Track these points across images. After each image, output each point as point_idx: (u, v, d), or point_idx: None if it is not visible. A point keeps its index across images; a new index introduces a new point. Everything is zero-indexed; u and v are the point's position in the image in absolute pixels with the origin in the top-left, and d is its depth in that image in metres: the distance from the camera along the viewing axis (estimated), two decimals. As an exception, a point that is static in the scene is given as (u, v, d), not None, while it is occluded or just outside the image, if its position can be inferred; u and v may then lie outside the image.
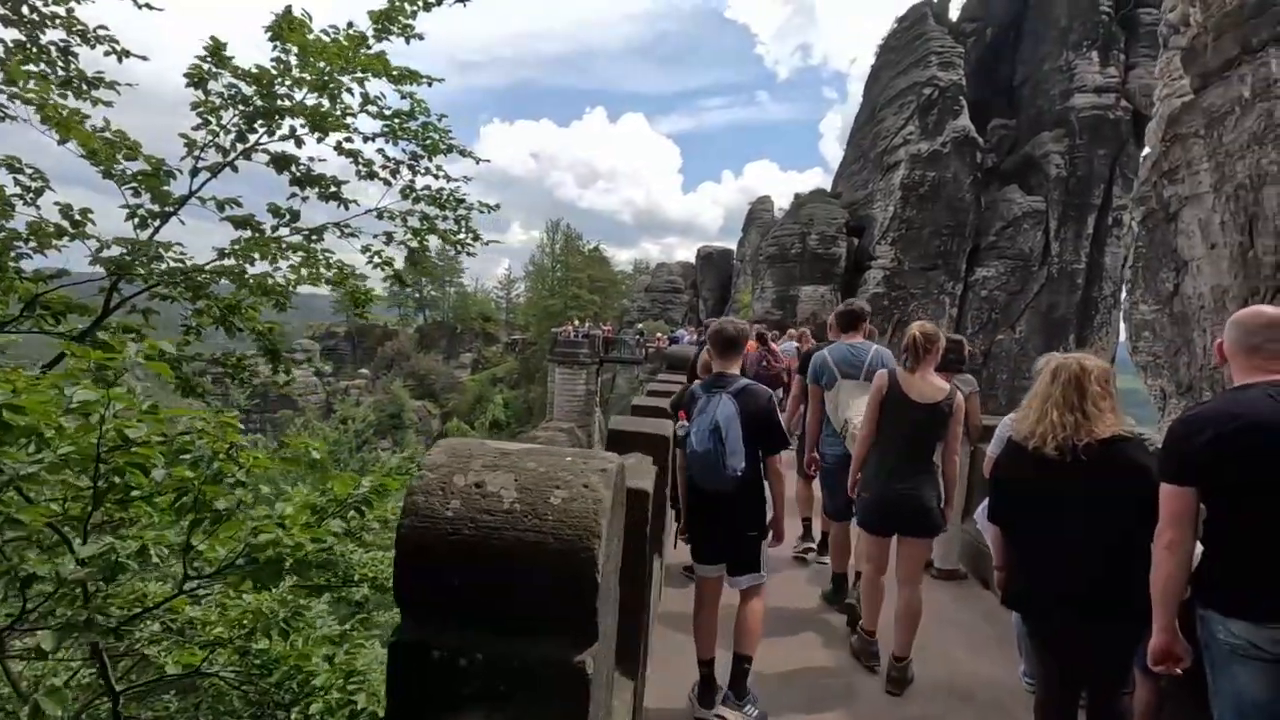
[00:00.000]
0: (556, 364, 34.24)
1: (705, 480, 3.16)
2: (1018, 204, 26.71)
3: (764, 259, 29.11)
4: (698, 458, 3.11)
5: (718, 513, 3.25)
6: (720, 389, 3.23)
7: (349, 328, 71.10)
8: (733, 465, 3.04)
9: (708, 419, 3.11)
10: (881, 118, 28.22)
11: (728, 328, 3.43)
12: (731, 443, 3.05)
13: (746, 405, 3.16)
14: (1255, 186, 7.69)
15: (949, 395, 3.58)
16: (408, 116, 4.60)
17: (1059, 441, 2.45)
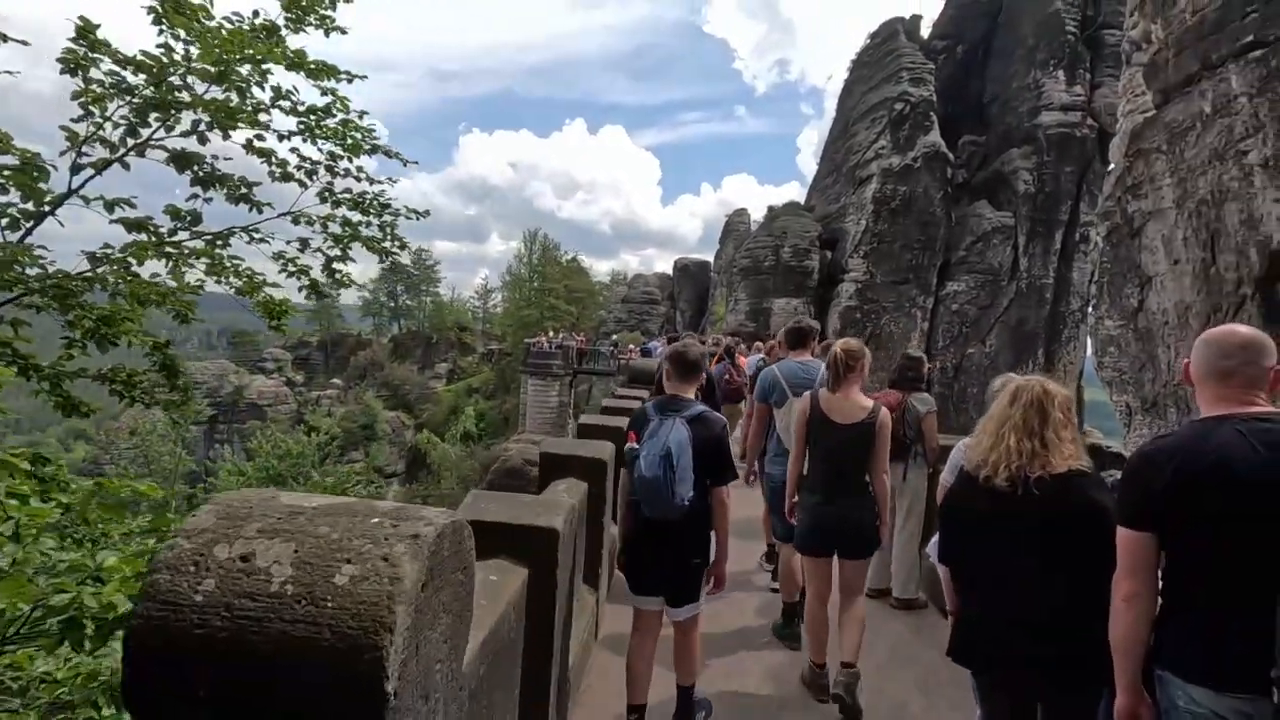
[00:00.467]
0: (529, 375, 33.76)
1: (652, 507, 3.01)
2: (987, 219, 26.96)
3: (738, 271, 29.02)
4: (646, 483, 2.96)
5: (662, 542, 3.12)
6: (674, 412, 3.13)
7: (322, 337, 70.19)
8: (682, 494, 2.93)
9: (659, 443, 2.98)
10: (854, 132, 28.38)
11: (690, 351, 3.35)
12: (682, 470, 2.93)
13: (700, 432, 3.06)
14: (1217, 203, 7.62)
15: (872, 412, 3.55)
16: (324, 114, 4.23)
17: (1011, 471, 2.19)
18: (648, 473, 2.94)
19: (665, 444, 2.96)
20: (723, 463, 3.13)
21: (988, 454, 2.27)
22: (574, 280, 58.46)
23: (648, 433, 3.09)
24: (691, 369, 3.32)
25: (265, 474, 23.68)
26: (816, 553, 3.66)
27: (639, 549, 3.20)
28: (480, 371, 59.46)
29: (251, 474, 23.29)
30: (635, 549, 3.22)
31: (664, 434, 3.01)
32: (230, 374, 61.10)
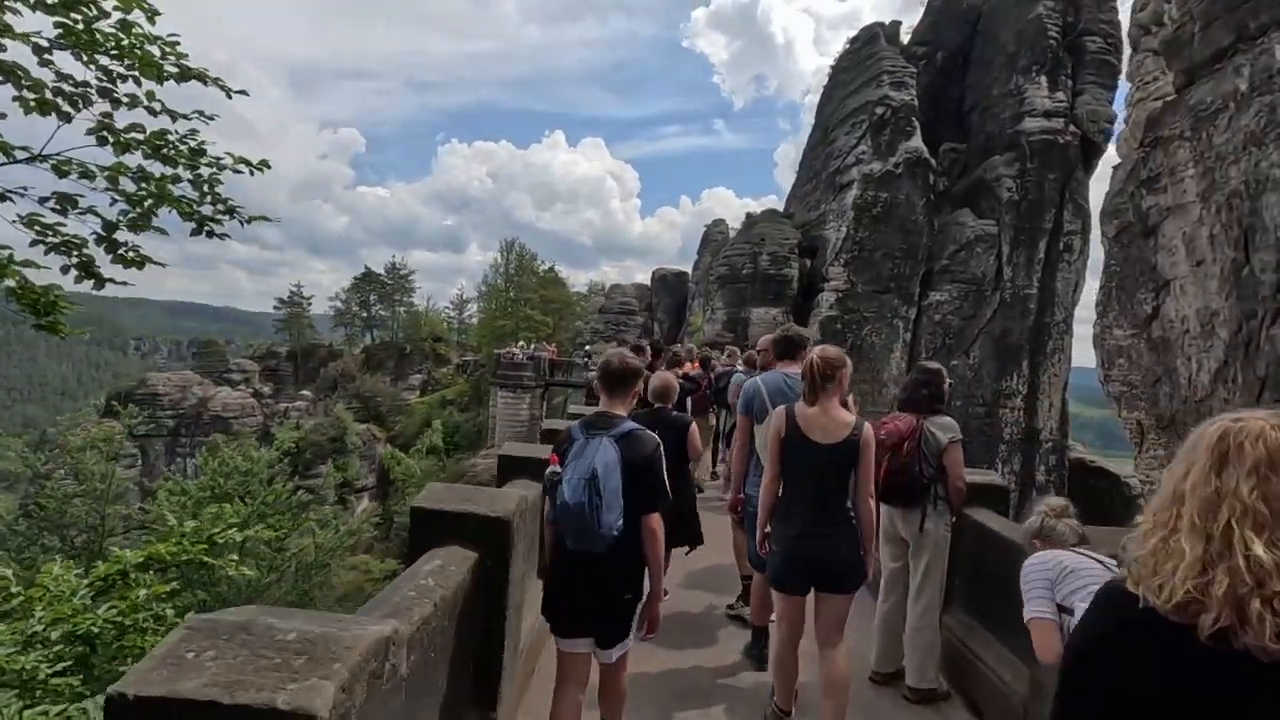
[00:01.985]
0: (499, 387, 32.43)
1: (576, 539, 2.71)
2: (970, 227, 26.30)
3: (714, 279, 28.02)
4: (568, 512, 2.67)
5: (588, 576, 2.81)
6: (601, 431, 2.82)
7: (292, 347, 68.44)
8: (608, 522, 2.64)
9: (584, 466, 2.70)
10: (834, 138, 27.64)
11: (613, 361, 3.05)
12: (609, 496, 2.65)
13: (630, 452, 2.77)
14: (1252, 194, 6.66)
15: (855, 429, 3.23)
16: (98, 12, 2.95)
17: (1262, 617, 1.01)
18: (570, 499, 2.65)
19: (590, 466, 2.68)
20: (655, 487, 2.84)
21: (1196, 573, 1.07)
22: (550, 291, 57.81)
23: (572, 452, 2.79)
24: (619, 381, 3.00)
25: (209, 493, 21.91)
26: (792, 589, 3.34)
27: (561, 585, 2.90)
28: (455, 383, 58.35)
29: (194, 493, 21.54)
30: (557, 585, 2.92)
31: (590, 455, 2.72)
32: (194, 385, 59.13)
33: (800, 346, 4.17)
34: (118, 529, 20.86)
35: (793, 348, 4.23)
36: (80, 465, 19.93)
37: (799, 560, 3.26)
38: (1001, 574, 3.56)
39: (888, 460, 3.75)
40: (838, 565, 3.22)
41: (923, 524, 3.77)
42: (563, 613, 2.92)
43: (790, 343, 4.29)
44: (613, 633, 2.88)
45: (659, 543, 2.86)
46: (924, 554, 3.79)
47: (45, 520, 19.05)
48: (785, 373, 4.16)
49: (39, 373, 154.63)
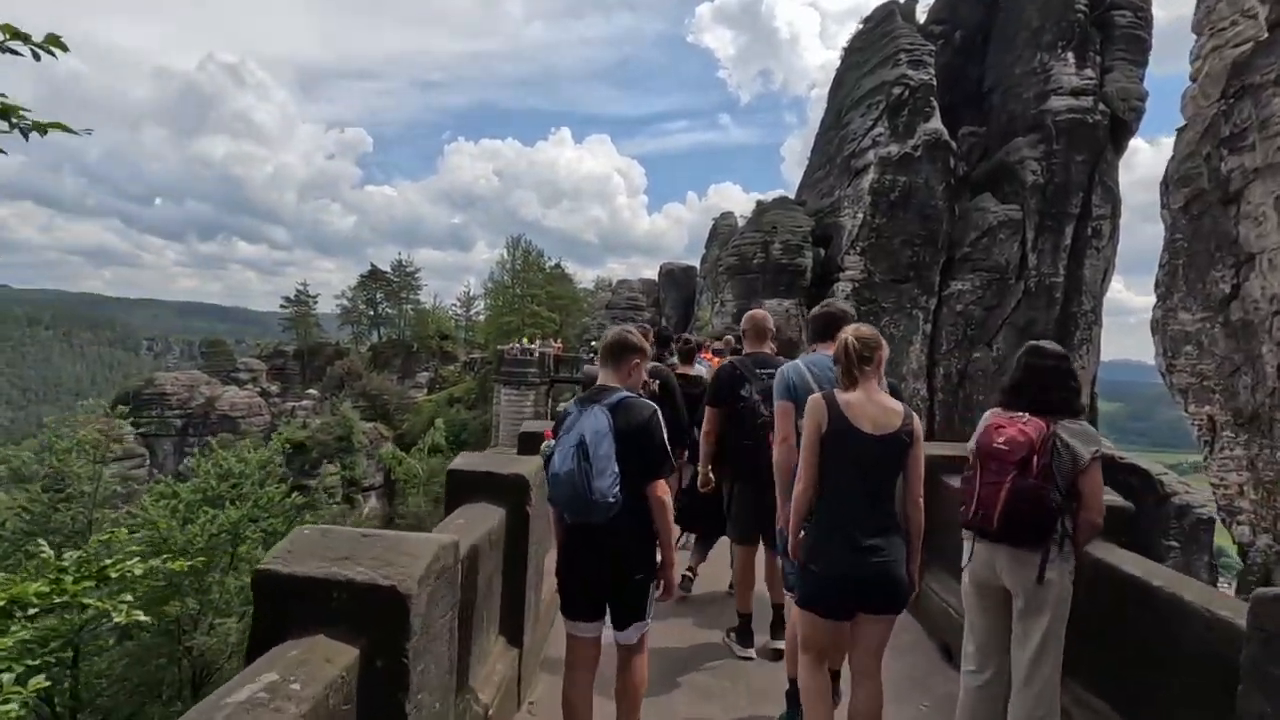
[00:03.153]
0: (503, 384, 31.57)
1: (572, 509, 2.66)
2: (992, 213, 25.04)
3: (724, 270, 26.90)
4: (559, 481, 2.62)
5: (595, 553, 2.72)
6: (594, 402, 2.76)
7: (298, 346, 68.08)
8: (601, 488, 2.54)
9: (574, 435, 2.63)
10: (848, 120, 26.43)
11: (611, 334, 2.99)
12: (599, 461, 2.55)
13: (622, 419, 2.68)
14: (1372, 144, 5.54)
15: (907, 417, 2.82)
16: None
17: None
18: (560, 468, 2.60)
19: (580, 433, 2.61)
20: (655, 452, 2.74)
21: None
22: (557, 287, 57.30)
23: (565, 425, 2.75)
24: (616, 354, 2.90)
25: (201, 495, 21.17)
26: (837, 614, 2.87)
27: (569, 563, 2.82)
28: (462, 381, 57.89)
29: (185, 495, 20.78)
30: (565, 564, 2.84)
31: (579, 424, 2.66)
32: (202, 385, 59.07)
33: (841, 323, 3.37)
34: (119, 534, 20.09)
35: (833, 325, 3.41)
36: (66, 467, 19.22)
37: (847, 579, 2.78)
38: (1150, 639, 2.65)
39: (1011, 481, 2.70)
40: (890, 583, 2.77)
41: (1043, 571, 2.69)
42: (573, 592, 2.84)
43: (830, 320, 3.52)
44: (626, 612, 2.81)
45: (667, 511, 2.79)
46: (1042, 614, 2.69)
47: (31, 524, 18.36)
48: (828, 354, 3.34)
49: (54, 374, 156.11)
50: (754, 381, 4.10)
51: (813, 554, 2.86)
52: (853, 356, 2.80)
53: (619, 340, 2.94)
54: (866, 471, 2.79)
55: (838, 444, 2.79)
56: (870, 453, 2.77)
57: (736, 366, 4.27)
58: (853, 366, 2.81)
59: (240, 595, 18.53)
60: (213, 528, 18.48)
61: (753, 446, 3.96)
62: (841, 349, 2.84)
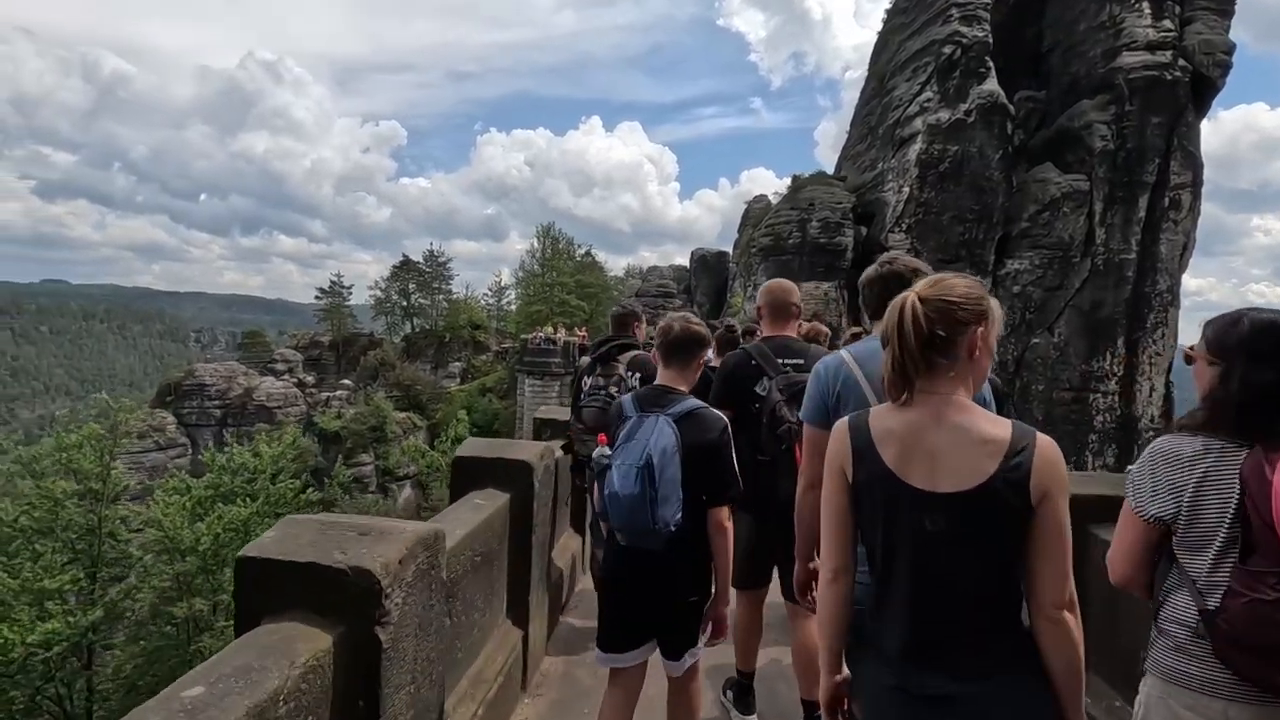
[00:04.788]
0: (526, 374, 30.48)
1: (629, 534, 2.33)
2: (1055, 184, 22.71)
3: (757, 251, 25.12)
4: (619, 504, 2.26)
5: (646, 577, 2.40)
6: (657, 409, 2.37)
7: (333, 337, 68.73)
8: (664, 517, 2.23)
9: (636, 451, 2.27)
10: (892, 86, 24.31)
11: (674, 326, 2.49)
12: (666, 486, 2.22)
13: (691, 435, 2.30)
14: None
15: (1018, 447, 1.37)
16: None
17: None
18: (622, 489, 2.25)
19: (644, 452, 2.24)
20: (723, 475, 2.36)
21: None
22: (587, 275, 56.50)
23: (623, 434, 2.34)
24: (680, 349, 2.47)
25: (213, 491, 20.44)
26: None
27: (617, 586, 2.51)
28: (494, 370, 57.75)
29: (198, 492, 20.04)
30: (612, 586, 2.54)
31: (644, 437, 2.28)
32: (240, 375, 60.17)
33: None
34: (119, 531, 19.65)
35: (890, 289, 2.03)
36: (75, 463, 18.73)
37: None
38: None
39: None
40: None
41: None
42: (615, 617, 2.50)
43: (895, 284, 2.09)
44: (678, 639, 2.44)
45: (728, 539, 2.40)
46: None
47: (39, 521, 17.94)
48: None
49: (108, 365, 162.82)
50: (774, 375, 2.91)
51: (856, 691, 1.64)
52: (909, 339, 1.44)
53: (687, 333, 2.48)
54: (931, 558, 1.44)
55: (875, 507, 1.50)
56: (935, 524, 1.42)
57: (750, 355, 3.04)
58: (908, 360, 1.44)
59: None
60: (219, 526, 17.79)
61: (771, 464, 2.83)
62: (892, 324, 1.48)
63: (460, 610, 2.46)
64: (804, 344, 3.10)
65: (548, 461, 3.41)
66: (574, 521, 4.73)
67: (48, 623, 16.12)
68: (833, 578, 1.58)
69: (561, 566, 4.13)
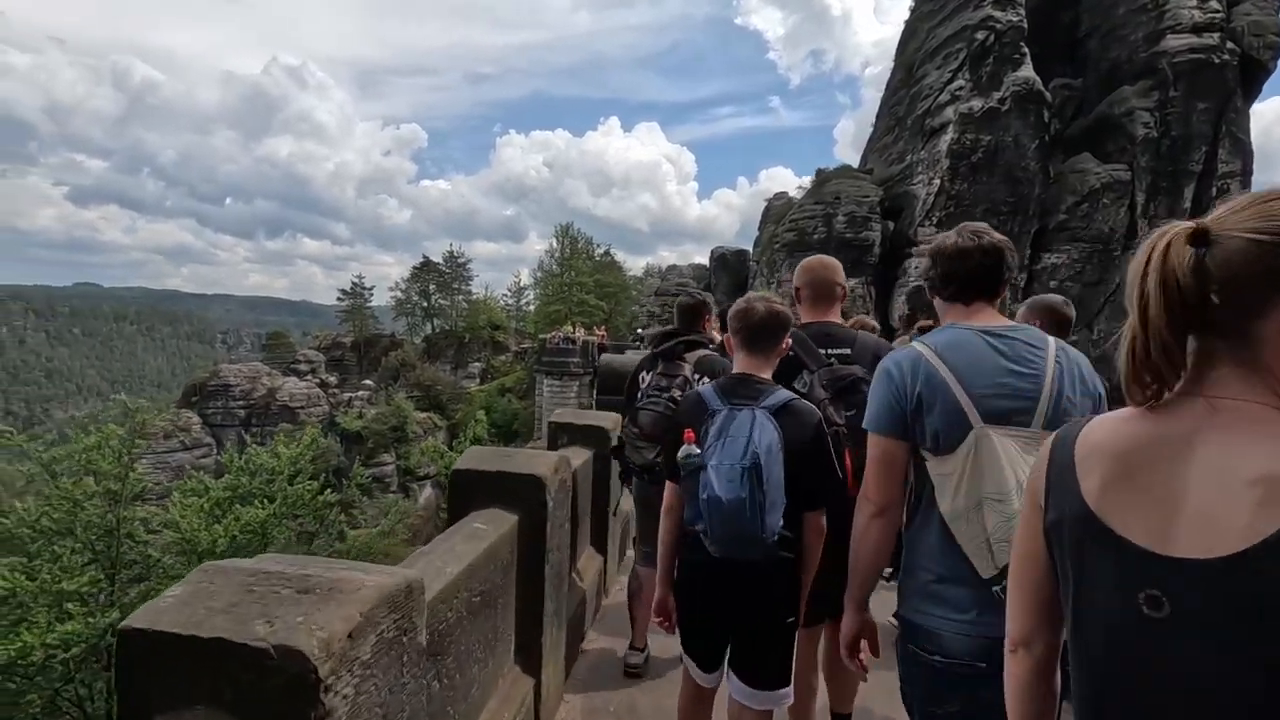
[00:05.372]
0: (544, 374, 30.09)
1: (728, 543, 1.98)
2: (1095, 174, 21.72)
3: (780, 248, 24.41)
4: (720, 510, 1.93)
5: (735, 592, 2.09)
6: (749, 400, 2.06)
7: (355, 338, 69.36)
8: (772, 524, 1.94)
9: (737, 448, 1.95)
10: (921, 74, 23.46)
11: (756, 307, 2.15)
12: (774, 490, 1.93)
13: (791, 431, 2.00)
14: None
15: None
16: None
17: None
18: (725, 494, 1.92)
19: (750, 450, 1.93)
20: (824, 475, 2.08)
21: None
22: (605, 275, 56.31)
23: (713, 430, 2.02)
24: (764, 334, 2.14)
25: (231, 493, 20.10)
26: None
27: (701, 604, 2.15)
28: (513, 371, 57.85)
29: (216, 493, 19.68)
30: (694, 605, 2.17)
31: (742, 434, 1.97)
32: (264, 376, 61.04)
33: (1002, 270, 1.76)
34: (138, 532, 19.58)
35: (995, 274, 1.76)
36: (93, 464, 18.69)
37: None
38: None
39: None
40: None
41: None
42: (698, 638, 2.21)
43: (993, 261, 1.76)
44: (764, 668, 2.13)
45: (819, 542, 2.12)
46: None
47: (58, 523, 17.90)
48: (987, 327, 1.69)
49: (138, 366, 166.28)
50: (815, 367, 2.48)
51: None
52: (1163, 304, 0.82)
53: (771, 315, 2.14)
54: (1154, 662, 0.81)
55: (1064, 564, 0.94)
56: (1164, 606, 0.79)
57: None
58: (1154, 340, 0.83)
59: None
60: (235, 528, 17.61)
61: None
62: (1136, 277, 0.84)
63: (452, 668, 2.04)
64: (849, 330, 2.61)
65: (563, 475, 2.87)
66: (595, 541, 4.19)
67: (66, 624, 16.05)
68: (1012, 649, 1.09)
69: (584, 588, 3.72)
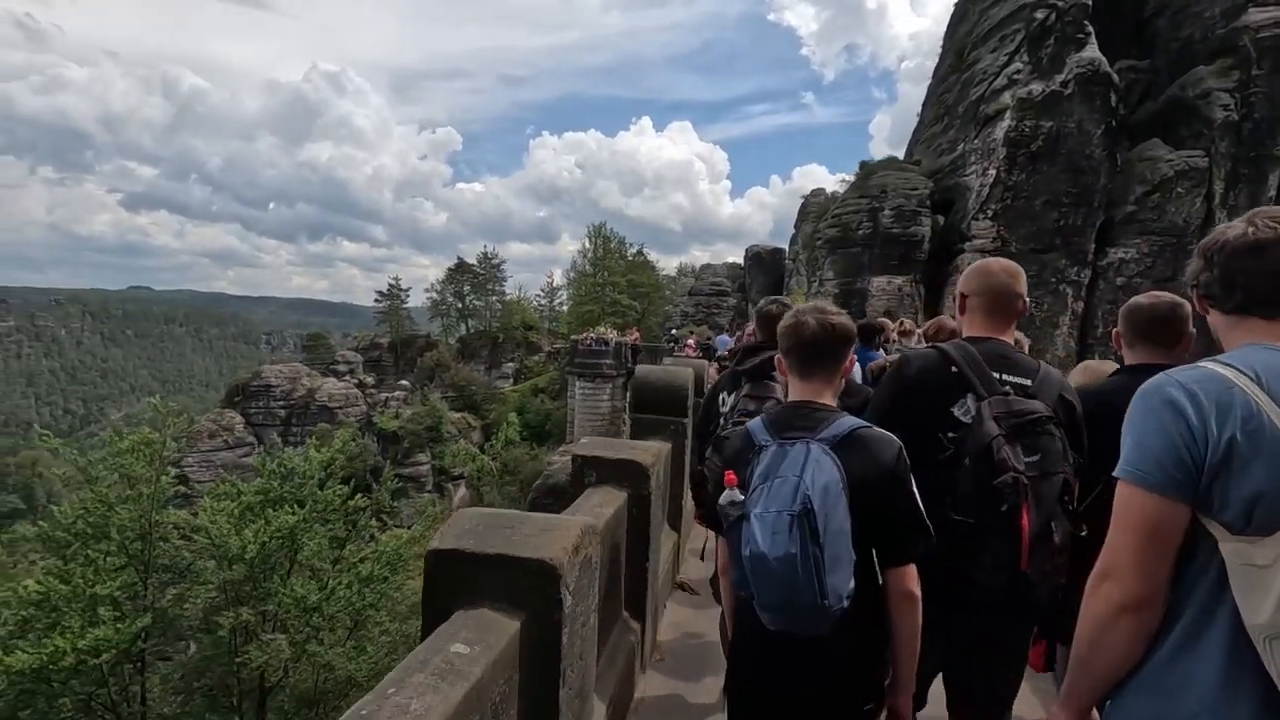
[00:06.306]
0: (576, 376, 29.48)
1: (781, 614, 1.58)
2: (1167, 161, 20.12)
3: (822, 244, 23.28)
4: (766, 571, 1.53)
5: (799, 678, 1.69)
6: (803, 432, 1.66)
7: (392, 338, 70.44)
8: (836, 587, 1.50)
9: (786, 492, 1.55)
10: (974, 59, 22.09)
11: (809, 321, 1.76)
12: (834, 542, 1.51)
13: (857, 467, 1.60)
14: None
15: None
16: None
17: None
18: (770, 549, 1.50)
19: (799, 492, 1.52)
20: (905, 520, 1.63)
21: None
22: (638, 274, 55.98)
23: (759, 471, 1.63)
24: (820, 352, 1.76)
25: (263, 496, 19.87)
26: None
27: (746, 686, 1.78)
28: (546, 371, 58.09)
29: (247, 497, 19.45)
30: (752, 682, 1.77)
31: (792, 473, 1.56)
32: (303, 376, 62.49)
33: None
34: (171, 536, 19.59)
35: None
36: (127, 468, 18.72)
37: None
38: None
39: None
40: None
41: None
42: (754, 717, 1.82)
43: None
44: None
45: (917, 611, 1.64)
46: None
47: (92, 526, 17.95)
48: None
49: (186, 367, 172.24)
50: (986, 394, 1.89)
51: None
52: None
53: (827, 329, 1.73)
54: None
55: None
56: None
57: (949, 358, 1.98)
58: None
59: (297, 607, 17.49)
60: (265, 535, 17.41)
61: (973, 532, 1.83)
62: None
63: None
64: (1028, 358, 2.02)
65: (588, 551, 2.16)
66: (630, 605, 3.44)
67: (98, 628, 16.02)
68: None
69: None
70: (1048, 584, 1.80)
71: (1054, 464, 1.79)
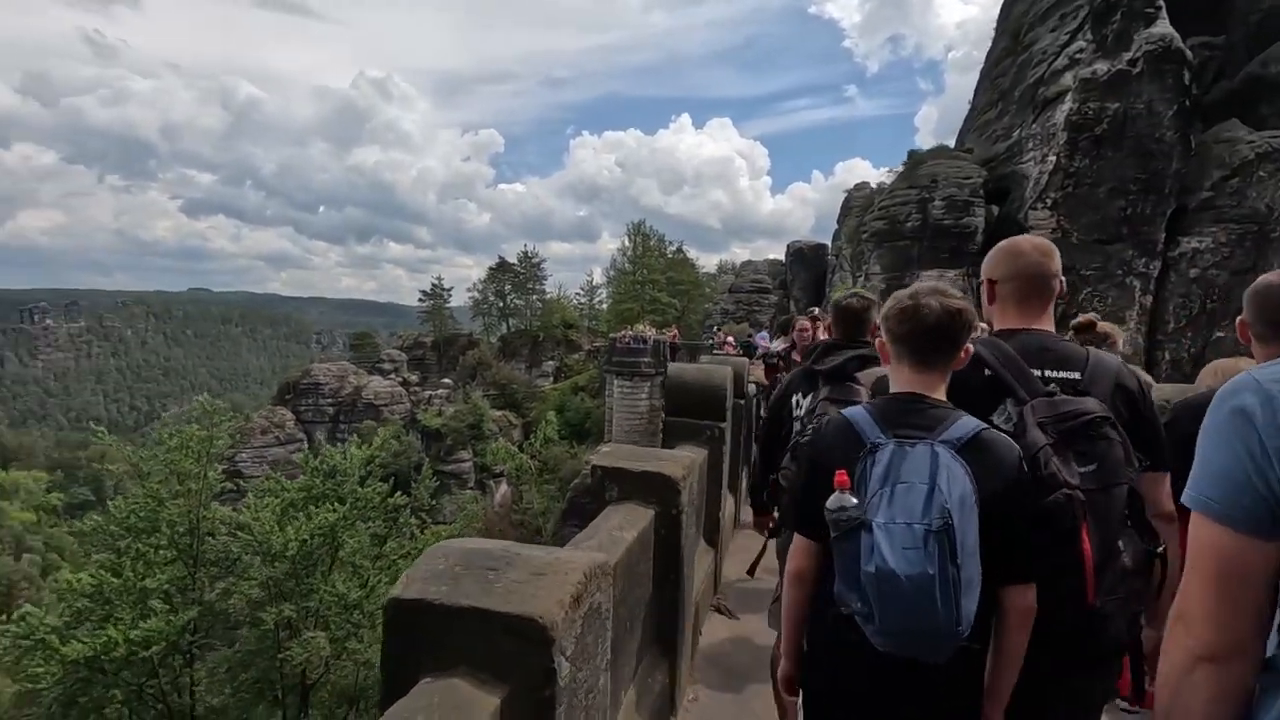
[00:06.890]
0: (614, 375, 29.24)
1: (901, 639, 1.37)
2: (1246, 143, 18.70)
3: (869, 237, 22.45)
4: (895, 590, 1.33)
5: (905, 706, 1.47)
6: (923, 431, 1.47)
7: (435, 337, 71.88)
8: (969, 613, 1.34)
9: (917, 502, 1.35)
10: (1031, 40, 20.96)
11: (931, 303, 1.55)
12: (970, 562, 1.34)
13: (985, 475, 1.41)
14: None
15: None
16: None
17: None
18: (903, 568, 1.31)
19: (937, 504, 1.33)
20: (1029, 534, 1.45)
21: None
22: (678, 272, 55.70)
23: (877, 472, 1.43)
24: (942, 339, 1.55)
25: (305, 494, 20.19)
26: None
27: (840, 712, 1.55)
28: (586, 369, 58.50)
29: (292, 492, 19.84)
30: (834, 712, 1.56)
31: (920, 479, 1.37)
32: (351, 375, 64.45)
33: None
34: (218, 531, 20.10)
35: None
36: (176, 465, 19.23)
37: None
38: None
39: None
40: None
41: None
42: None
43: None
44: None
45: (1027, 633, 1.45)
46: None
47: (145, 521, 18.51)
48: None
49: (242, 365, 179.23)
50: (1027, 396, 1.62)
51: None
52: None
53: (949, 313, 1.53)
54: None
55: None
56: None
57: (981, 358, 1.71)
58: None
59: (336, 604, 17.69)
60: (305, 532, 17.66)
61: None
62: None
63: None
64: (1074, 346, 1.78)
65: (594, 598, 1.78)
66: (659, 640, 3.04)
67: (148, 621, 16.48)
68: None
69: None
70: (1122, 615, 1.55)
71: (1115, 473, 1.53)
